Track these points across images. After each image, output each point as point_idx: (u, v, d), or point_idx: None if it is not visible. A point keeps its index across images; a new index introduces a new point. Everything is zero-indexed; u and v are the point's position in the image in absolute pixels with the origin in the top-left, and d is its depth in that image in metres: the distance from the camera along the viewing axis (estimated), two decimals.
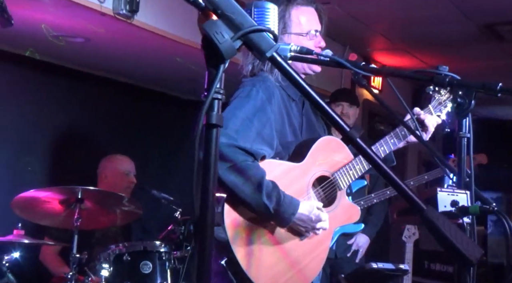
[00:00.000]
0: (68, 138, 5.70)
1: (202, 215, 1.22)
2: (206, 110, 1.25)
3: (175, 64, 5.21)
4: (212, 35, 1.23)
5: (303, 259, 2.69)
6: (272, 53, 1.29)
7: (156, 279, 4.15)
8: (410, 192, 1.26)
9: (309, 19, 2.86)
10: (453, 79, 2.01)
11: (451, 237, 1.23)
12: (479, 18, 5.37)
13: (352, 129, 1.27)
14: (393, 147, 2.89)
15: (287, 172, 2.68)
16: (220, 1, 1.27)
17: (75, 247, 4.00)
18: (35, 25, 4.34)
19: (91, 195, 4.15)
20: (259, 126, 2.62)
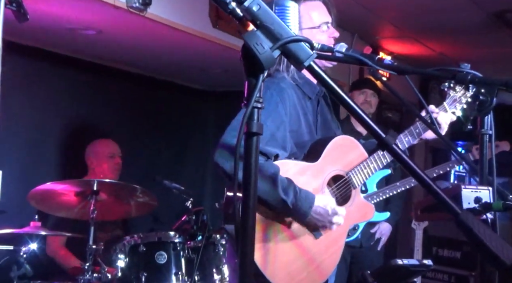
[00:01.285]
0: (82, 130, 5.73)
1: (244, 219, 1.25)
2: (247, 119, 1.27)
3: (186, 55, 5.23)
4: (252, 46, 1.26)
5: (318, 256, 2.71)
6: (310, 62, 1.32)
7: (171, 269, 4.19)
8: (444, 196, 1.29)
9: (319, 12, 2.86)
10: (475, 77, 2.03)
11: (486, 240, 1.26)
12: (488, 6, 5.36)
13: (388, 136, 1.30)
14: (408, 145, 2.91)
15: (302, 172, 2.69)
16: (259, 12, 1.30)
17: (91, 238, 4.07)
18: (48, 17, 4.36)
19: (106, 187, 4.22)
20: (272, 129, 2.63)
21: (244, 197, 1.28)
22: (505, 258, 1.27)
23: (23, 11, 3.47)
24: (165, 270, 4.17)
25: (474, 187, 1.97)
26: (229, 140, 2.54)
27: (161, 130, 6.20)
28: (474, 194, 1.94)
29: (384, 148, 1.30)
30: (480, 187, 1.98)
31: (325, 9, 2.90)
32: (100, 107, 5.93)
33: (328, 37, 2.82)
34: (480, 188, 1.98)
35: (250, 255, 1.28)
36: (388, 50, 6.76)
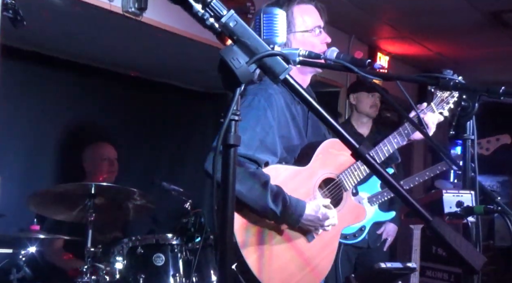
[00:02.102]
0: (80, 134, 5.73)
1: (222, 231, 1.29)
2: (224, 132, 1.32)
3: (183, 57, 5.26)
4: (229, 61, 1.30)
5: (313, 259, 2.73)
6: (285, 76, 1.36)
7: (169, 271, 4.21)
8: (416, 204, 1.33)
9: (312, 16, 2.88)
10: (458, 83, 2.07)
11: (456, 246, 1.31)
12: (484, 6, 5.39)
13: (361, 146, 1.34)
14: (397, 146, 2.95)
15: (293, 176, 2.72)
16: (235, 28, 1.34)
17: (89, 241, 4.08)
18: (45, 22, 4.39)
19: (104, 190, 4.23)
20: (262, 135, 2.65)
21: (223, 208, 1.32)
22: (474, 264, 1.32)
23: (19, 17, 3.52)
24: (163, 272, 4.19)
25: (456, 191, 2.00)
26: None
27: (160, 132, 6.21)
28: (456, 198, 1.98)
29: (358, 158, 1.35)
30: (462, 191, 2.02)
31: (317, 13, 2.92)
32: (98, 110, 5.94)
33: (321, 43, 2.83)
34: (462, 192, 2.02)
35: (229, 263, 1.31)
36: (386, 50, 6.78)
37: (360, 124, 4.92)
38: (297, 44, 2.78)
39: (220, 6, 1.35)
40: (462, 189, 2.06)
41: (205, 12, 1.34)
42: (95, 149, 5.21)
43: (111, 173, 5.15)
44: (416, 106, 2.84)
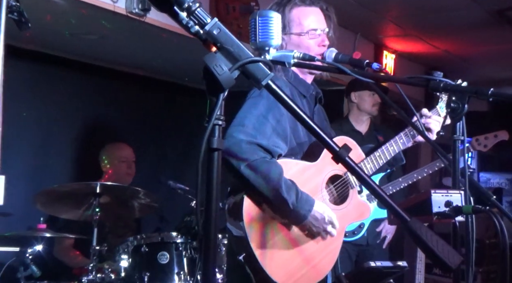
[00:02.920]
0: (87, 133, 5.78)
1: (207, 230, 1.33)
2: (208, 136, 1.36)
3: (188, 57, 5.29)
4: (212, 68, 1.34)
5: (317, 255, 2.76)
6: (267, 82, 1.40)
7: (174, 269, 4.25)
8: (395, 205, 1.37)
9: (311, 19, 2.90)
10: (447, 85, 2.08)
11: (432, 246, 1.35)
12: (490, 4, 5.41)
13: (341, 149, 1.39)
14: (402, 147, 2.99)
15: (303, 171, 2.76)
16: (219, 35, 1.38)
17: (95, 239, 4.13)
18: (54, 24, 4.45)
19: (109, 189, 4.28)
20: (273, 122, 2.70)
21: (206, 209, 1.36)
22: (450, 263, 1.36)
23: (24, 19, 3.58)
24: (168, 270, 4.22)
25: (445, 191, 2.04)
26: (235, 136, 2.61)
27: (166, 131, 6.24)
28: (445, 198, 2.01)
29: (338, 160, 1.39)
30: (451, 191, 2.05)
31: (320, 16, 2.93)
32: (105, 109, 5.99)
33: (318, 45, 2.85)
34: (451, 192, 2.05)
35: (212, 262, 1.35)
36: (392, 48, 6.78)
37: (359, 122, 4.91)
38: (292, 46, 2.82)
39: (204, 15, 1.39)
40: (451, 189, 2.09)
41: (189, 20, 1.38)
42: (114, 150, 5.26)
43: (129, 175, 5.21)
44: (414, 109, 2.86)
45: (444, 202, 2.00)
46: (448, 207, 2.00)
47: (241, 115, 2.70)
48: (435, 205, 1.98)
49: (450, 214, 1.98)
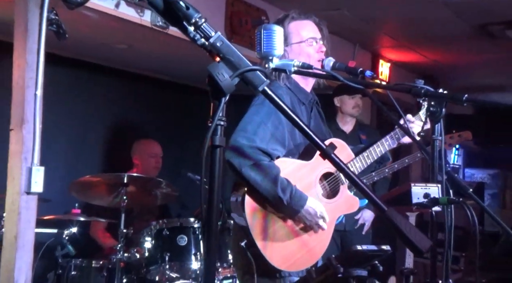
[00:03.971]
0: (116, 130, 5.82)
1: (209, 217, 1.35)
2: (211, 135, 1.38)
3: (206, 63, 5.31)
4: (215, 75, 1.37)
5: (311, 242, 2.77)
6: (263, 88, 1.42)
7: (191, 250, 4.29)
8: (374, 196, 1.39)
9: (307, 29, 2.91)
10: (427, 91, 2.09)
11: (406, 232, 1.37)
12: (473, 19, 5.39)
13: (328, 147, 1.41)
14: (388, 148, 2.98)
15: (299, 169, 2.76)
16: (221, 47, 1.40)
17: (122, 223, 4.18)
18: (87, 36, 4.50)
19: (134, 180, 4.32)
20: (272, 129, 2.70)
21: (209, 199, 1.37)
22: (421, 247, 1.38)
23: (62, 31, 3.61)
24: (186, 251, 4.27)
25: (424, 184, 2.05)
26: (239, 141, 2.63)
27: (186, 129, 6.24)
28: (424, 190, 2.03)
29: (325, 156, 1.41)
30: (429, 184, 2.07)
31: (314, 27, 2.94)
32: (132, 109, 6.02)
33: (316, 52, 2.86)
34: (429, 185, 2.06)
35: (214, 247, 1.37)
36: (387, 58, 6.76)
37: (344, 122, 4.93)
38: (294, 55, 2.82)
39: (209, 29, 1.41)
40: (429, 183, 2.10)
41: (196, 33, 1.40)
42: (147, 145, 5.28)
43: (156, 168, 5.22)
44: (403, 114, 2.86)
45: (423, 194, 2.01)
46: (426, 198, 2.01)
47: (244, 122, 2.72)
48: (415, 197, 2.00)
49: (428, 205, 2.00)
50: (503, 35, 5.76)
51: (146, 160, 5.21)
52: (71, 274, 4.23)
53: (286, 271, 2.72)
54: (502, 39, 5.89)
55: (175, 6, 1.36)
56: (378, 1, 4.98)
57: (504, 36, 5.78)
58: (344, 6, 5.10)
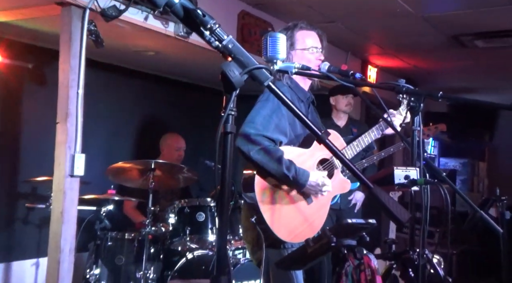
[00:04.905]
0: (145, 124, 5.84)
1: (222, 192, 1.35)
2: (223, 122, 1.37)
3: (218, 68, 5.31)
4: (227, 72, 1.36)
5: (311, 216, 2.75)
6: (268, 83, 1.41)
7: (208, 225, 4.32)
8: (362, 175, 1.38)
9: (311, 39, 2.89)
10: (408, 89, 2.09)
11: (389, 206, 1.36)
12: (447, 31, 5.34)
13: (322, 133, 1.40)
14: (374, 138, 2.97)
15: (299, 155, 2.74)
16: (232, 48, 1.39)
17: (150, 202, 4.19)
18: (121, 44, 4.50)
19: (161, 165, 4.33)
20: (276, 121, 2.69)
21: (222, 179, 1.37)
22: (402, 218, 1.37)
23: (100, 40, 3.62)
24: (204, 226, 4.31)
25: (405, 167, 2.04)
26: (247, 130, 2.62)
27: (203, 123, 6.23)
28: (404, 173, 2.01)
29: (320, 142, 1.40)
30: (409, 168, 2.05)
31: (317, 37, 2.92)
32: (159, 106, 6.01)
33: (315, 59, 2.84)
34: (409, 168, 2.05)
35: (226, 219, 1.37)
36: (375, 64, 6.73)
37: (338, 118, 4.91)
38: (297, 58, 2.81)
39: (222, 33, 1.40)
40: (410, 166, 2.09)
41: (211, 37, 1.40)
42: (173, 139, 5.26)
43: (179, 160, 5.21)
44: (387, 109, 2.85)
45: (403, 175, 2.00)
46: (406, 180, 2.00)
47: (252, 115, 2.71)
48: (397, 178, 1.98)
49: (408, 185, 1.98)
50: (472, 45, 5.72)
51: (171, 152, 5.21)
52: (107, 245, 4.26)
53: (289, 243, 2.70)
54: (471, 48, 5.85)
55: (194, 14, 1.35)
56: (367, 16, 4.96)
57: (473, 46, 5.74)
58: (338, 20, 5.08)
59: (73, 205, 3.34)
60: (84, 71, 3.37)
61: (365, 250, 2.02)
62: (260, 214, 2.59)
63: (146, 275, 4.09)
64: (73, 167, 3.29)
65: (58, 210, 3.29)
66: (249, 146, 2.59)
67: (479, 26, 5.12)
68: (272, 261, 2.68)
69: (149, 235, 4.16)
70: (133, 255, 4.23)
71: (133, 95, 5.70)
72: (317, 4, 4.65)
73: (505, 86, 7.97)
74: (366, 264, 1.92)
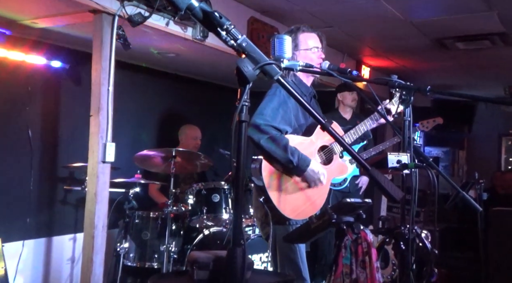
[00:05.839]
0: (168, 117, 5.82)
1: (237, 174, 1.33)
2: (238, 112, 1.36)
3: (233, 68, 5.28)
4: (241, 68, 1.34)
5: (313, 197, 2.75)
6: (278, 77, 1.39)
7: (222, 205, 4.32)
8: (361, 158, 1.36)
9: (313, 40, 2.88)
10: (400, 84, 2.06)
11: (384, 185, 1.34)
12: (432, 34, 5.28)
13: (326, 121, 1.38)
14: (369, 127, 2.96)
15: (302, 142, 2.74)
16: (246, 46, 1.37)
17: (172, 185, 4.20)
18: (145, 47, 4.48)
19: (181, 153, 4.33)
20: (282, 113, 2.69)
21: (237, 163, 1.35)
22: (395, 196, 1.35)
23: (127, 43, 3.60)
24: (218, 206, 4.31)
25: (397, 153, 2.01)
26: (257, 121, 2.61)
27: (218, 117, 6.25)
28: (397, 158, 1.99)
29: (323, 129, 1.38)
30: (401, 153, 2.03)
31: (318, 39, 2.91)
32: (178, 102, 5.99)
33: (317, 58, 2.84)
34: (401, 153, 2.02)
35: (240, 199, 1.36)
36: (368, 64, 6.67)
37: (344, 112, 4.90)
38: (301, 58, 2.80)
39: (237, 32, 1.38)
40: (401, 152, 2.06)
41: (227, 36, 1.37)
42: (191, 130, 5.25)
43: (196, 148, 5.21)
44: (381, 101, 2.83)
45: (396, 160, 1.98)
46: (398, 164, 1.98)
47: (261, 107, 2.71)
48: (390, 162, 1.96)
49: (399, 168, 1.96)
50: (454, 47, 5.65)
51: (189, 141, 5.20)
52: (135, 222, 4.27)
53: (294, 220, 2.70)
54: (453, 50, 5.78)
55: (211, 16, 1.33)
56: (361, 22, 4.91)
57: (454, 48, 5.67)
58: (336, 25, 5.04)
59: (105, 188, 3.35)
60: (113, 71, 3.36)
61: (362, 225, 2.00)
62: (267, 194, 2.59)
63: (168, 249, 4.11)
64: (104, 154, 3.29)
65: (92, 192, 3.30)
66: (259, 135, 2.59)
67: (460, 30, 5.06)
68: (278, 235, 2.69)
69: (171, 214, 4.17)
70: (157, 231, 4.24)
71: (156, 92, 5.68)
72: (317, 11, 4.62)
73: (482, 83, 7.90)
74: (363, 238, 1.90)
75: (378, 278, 1.87)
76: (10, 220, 4.16)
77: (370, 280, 1.83)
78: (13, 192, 4.19)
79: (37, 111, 4.42)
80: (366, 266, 1.85)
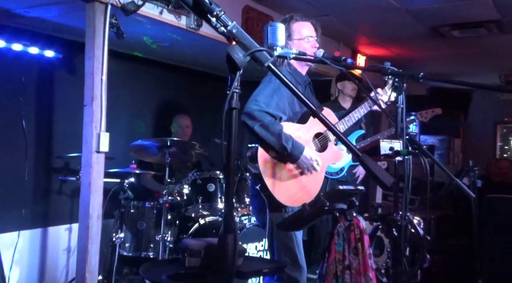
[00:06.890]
0: (162, 107, 5.79)
1: (228, 161, 1.33)
2: (229, 99, 1.35)
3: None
4: (232, 54, 1.33)
5: (307, 184, 2.76)
6: (268, 64, 1.38)
7: (217, 194, 4.31)
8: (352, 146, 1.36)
9: (307, 29, 2.86)
10: (393, 71, 2.05)
11: (375, 171, 1.34)
12: (427, 22, 5.27)
13: (317, 108, 1.38)
14: (363, 113, 2.96)
15: (297, 129, 2.74)
16: (236, 33, 1.36)
17: (167, 174, 4.19)
18: (139, 36, 4.45)
19: (176, 143, 4.32)
20: (276, 100, 2.68)
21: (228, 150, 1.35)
22: (386, 182, 1.35)
23: (120, 32, 3.57)
24: (214, 195, 4.30)
25: (390, 140, 2.01)
26: (251, 107, 2.61)
27: (214, 107, 6.23)
28: (389, 145, 1.99)
29: (314, 115, 1.38)
30: (394, 140, 2.03)
31: (312, 28, 2.89)
32: (173, 91, 5.96)
33: (311, 47, 2.82)
34: (394, 141, 2.02)
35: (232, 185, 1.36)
36: (363, 52, 6.65)
37: (344, 101, 4.90)
38: (295, 47, 2.79)
39: (227, 19, 1.37)
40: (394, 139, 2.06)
41: (217, 23, 1.37)
42: (182, 119, 5.25)
43: (187, 136, 5.21)
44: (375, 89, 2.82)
45: (388, 147, 1.97)
46: (391, 151, 1.98)
47: (255, 93, 2.70)
48: (383, 149, 1.96)
49: (392, 155, 1.96)
50: (450, 35, 5.63)
51: (181, 129, 5.20)
52: (130, 212, 4.28)
53: (290, 207, 2.71)
54: (449, 38, 5.77)
55: (201, 2, 1.32)
56: (357, 10, 4.89)
57: (450, 36, 5.66)
58: (331, 13, 5.02)
59: (100, 177, 3.34)
60: (107, 61, 3.34)
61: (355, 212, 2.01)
62: (264, 182, 2.60)
63: (164, 238, 4.12)
64: (98, 144, 3.28)
65: (87, 182, 3.29)
66: (253, 121, 2.59)
67: (455, 18, 5.04)
68: (275, 223, 2.69)
69: (166, 204, 4.17)
70: (153, 221, 4.25)
71: (150, 81, 5.65)
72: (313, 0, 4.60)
73: (478, 71, 7.89)
74: (355, 225, 1.91)
75: (371, 264, 1.88)
76: (5, 210, 4.16)
77: (363, 267, 1.84)
78: (8, 183, 4.19)
79: (31, 102, 4.39)
80: (358, 252, 1.86)
